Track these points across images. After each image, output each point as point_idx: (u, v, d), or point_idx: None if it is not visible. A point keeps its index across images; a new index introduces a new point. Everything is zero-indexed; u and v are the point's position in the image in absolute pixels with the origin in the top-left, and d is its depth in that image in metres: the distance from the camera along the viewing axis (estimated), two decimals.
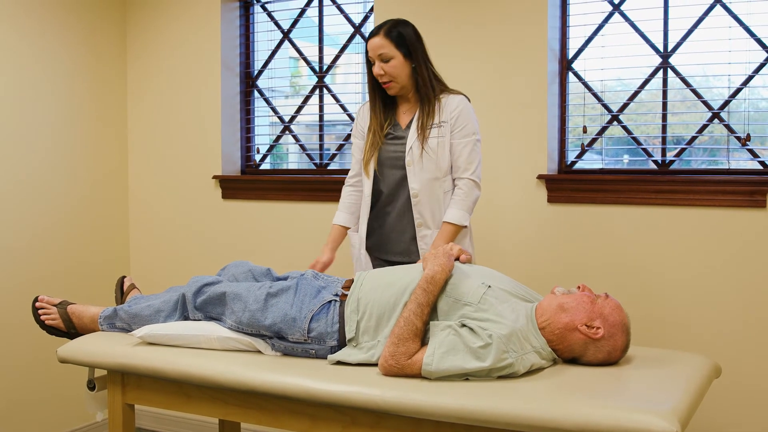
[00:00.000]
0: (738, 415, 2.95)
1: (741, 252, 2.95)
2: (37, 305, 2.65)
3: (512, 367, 2.03)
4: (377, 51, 2.73)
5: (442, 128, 2.74)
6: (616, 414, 1.78)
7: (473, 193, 2.74)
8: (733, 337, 2.96)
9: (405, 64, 2.74)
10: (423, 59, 2.77)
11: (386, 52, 2.72)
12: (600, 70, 3.28)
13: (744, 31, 3.02)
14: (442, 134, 2.74)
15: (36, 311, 2.64)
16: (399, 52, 2.73)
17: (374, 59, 2.74)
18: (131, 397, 2.47)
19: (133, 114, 4.22)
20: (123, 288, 2.81)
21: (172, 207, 4.14)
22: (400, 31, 2.74)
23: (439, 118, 2.75)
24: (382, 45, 2.72)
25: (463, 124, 2.74)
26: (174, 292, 2.57)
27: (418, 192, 2.75)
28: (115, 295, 2.81)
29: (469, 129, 2.75)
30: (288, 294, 2.35)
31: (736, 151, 3.08)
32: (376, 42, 2.73)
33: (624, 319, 2.16)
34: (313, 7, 3.89)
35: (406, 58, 2.74)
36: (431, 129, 2.74)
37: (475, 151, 2.75)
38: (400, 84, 2.76)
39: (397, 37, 2.73)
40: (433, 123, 2.74)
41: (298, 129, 4.04)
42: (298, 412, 2.16)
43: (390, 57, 2.72)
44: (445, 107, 2.76)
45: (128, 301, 2.69)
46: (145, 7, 4.14)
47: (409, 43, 2.74)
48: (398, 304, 2.20)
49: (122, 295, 2.80)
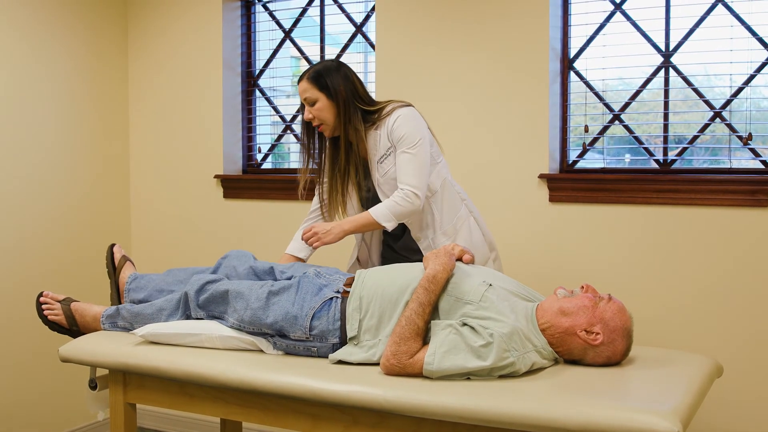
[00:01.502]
0: (740, 414, 2.95)
1: (742, 251, 2.95)
2: (41, 300, 2.65)
3: (513, 366, 2.03)
4: (303, 95, 2.73)
5: (391, 156, 2.70)
6: (617, 414, 1.78)
7: (408, 203, 2.62)
8: (734, 336, 2.96)
9: (330, 106, 2.70)
10: (349, 98, 2.70)
11: (309, 95, 2.71)
12: (601, 69, 3.28)
13: (746, 31, 3.01)
14: (393, 162, 2.70)
15: (40, 306, 2.65)
16: (322, 94, 2.70)
17: (303, 101, 2.74)
18: (133, 397, 2.47)
19: (134, 113, 4.22)
20: (114, 261, 2.80)
21: (173, 206, 4.14)
22: (321, 73, 2.71)
23: (386, 145, 2.70)
24: (306, 89, 2.71)
25: (399, 137, 2.67)
26: (176, 292, 2.57)
27: None
28: (107, 269, 2.80)
29: (406, 141, 2.66)
30: (289, 292, 2.35)
31: (738, 151, 3.07)
32: (302, 86, 2.72)
33: (626, 323, 2.15)
34: (314, 7, 3.89)
35: (329, 99, 2.70)
36: (384, 161, 2.71)
37: (413, 163, 2.65)
38: (330, 125, 2.72)
39: (318, 81, 2.70)
40: (384, 154, 2.70)
41: (299, 128, 4.03)
42: (299, 411, 2.17)
43: (314, 100, 2.70)
44: (386, 131, 2.70)
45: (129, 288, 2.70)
46: (146, 6, 4.14)
47: (331, 85, 2.69)
48: (400, 302, 2.20)
49: (114, 270, 2.79)
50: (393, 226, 2.63)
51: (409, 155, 2.66)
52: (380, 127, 2.71)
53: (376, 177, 2.73)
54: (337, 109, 2.71)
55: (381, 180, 2.72)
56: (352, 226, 2.66)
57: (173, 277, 2.71)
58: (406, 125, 2.68)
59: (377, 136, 2.71)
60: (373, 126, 2.72)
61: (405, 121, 2.68)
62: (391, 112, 2.71)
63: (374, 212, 2.63)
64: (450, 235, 2.74)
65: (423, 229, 2.74)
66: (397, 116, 2.69)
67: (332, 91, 2.70)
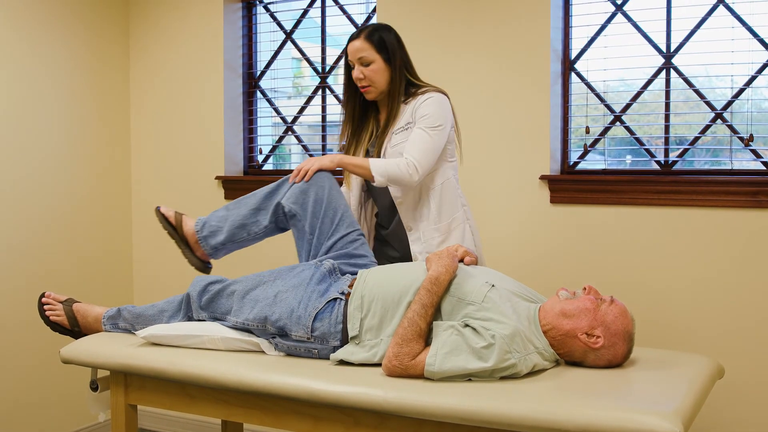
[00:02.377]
0: (741, 416, 2.95)
1: (744, 252, 2.95)
2: (43, 300, 2.65)
3: (515, 367, 2.03)
4: (357, 54, 2.68)
5: (408, 130, 2.68)
6: (619, 415, 1.78)
7: (405, 172, 2.59)
8: (735, 337, 2.95)
9: (385, 69, 2.70)
10: (402, 65, 2.72)
11: (365, 55, 2.67)
12: (603, 71, 3.28)
13: (747, 32, 3.01)
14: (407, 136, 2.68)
15: (41, 306, 2.64)
16: (379, 56, 2.68)
17: (354, 62, 2.70)
18: (134, 398, 2.47)
19: (135, 115, 4.23)
20: (169, 221, 2.70)
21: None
22: (381, 35, 2.69)
23: (407, 120, 2.69)
24: (362, 48, 2.67)
25: (423, 115, 2.66)
26: (177, 295, 2.58)
27: (400, 197, 2.73)
28: (167, 231, 2.70)
29: (426, 121, 2.65)
30: (298, 290, 2.34)
31: (739, 152, 3.07)
32: (356, 45, 2.68)
33: (627, 326, 2.14)
34: (315, 8, 3.89)
35: (386, 62, 2.69)
36: (399, 133, 2.69)
37: (423, 141, 2.63)
38: (378, 89, 2.71)
39: (378, 41, 2.68)
40: (400, 126, 2.69)
41: (300, 129, 4.04)
42: (300, 412, 2.16)
43: (370, 61, 2.67)
44: (413, 107, 2.70)
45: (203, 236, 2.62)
46: (147, 8, 4.15)
47: (390, 48, 2.69)
48: (401, 302, 2.20)
49: (175, 229, 2.69)
50: (381, 183, 2.61)
51: (424, 133, 2.65)
52: (409, 102, 2.72)
53: (385, 146, 2.72)
54: (392, 74, 2.70)
55: (390, 150, 2.70)
56: (348, 161, 2.63)
57: (245, 206, 2.62)
58: (433, 107, 2.68)
59: (403, 109, 2.72)
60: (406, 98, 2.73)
61: (433, 103, 2.68)
62: (426, 92, 2.71)
63: (372, 161, 2.61)
64: (443, 232, 2.72)
65: (416, 220, 2.73)
66: (428, 96, 2.69)
67: (390, 54, 2.69)
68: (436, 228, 2.72)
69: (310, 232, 2.54)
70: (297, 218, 2.55)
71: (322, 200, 2.53)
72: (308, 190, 2.54)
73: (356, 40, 2.69)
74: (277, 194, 2.59)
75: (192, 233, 2.67)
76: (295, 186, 2.56)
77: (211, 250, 2.65)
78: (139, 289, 4.25)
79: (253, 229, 2.61)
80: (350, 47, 2.70)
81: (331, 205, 2.54)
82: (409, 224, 2.74)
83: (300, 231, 2.56)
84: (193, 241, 2.68)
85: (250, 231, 2.61)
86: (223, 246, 2.64)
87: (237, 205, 2.64)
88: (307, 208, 2.53)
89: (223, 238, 2.62)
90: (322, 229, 2.53)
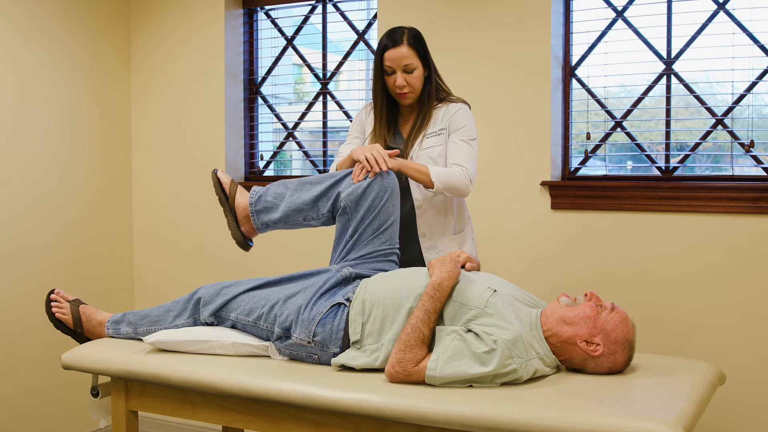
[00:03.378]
0: (742, 422, 2.94)
1: (745, 258, 2.95)
2: (51, 297, 2.65)
3: (516, 373, 2.03)
4: (403, 62, 2.63)
5: (441, 136, 2.70)
6: (620, 421, 1.77)
7: (464, 181, 2.60)
8: (737, 344, 2.95)
9: (423, 74, 2.70)
10: (435, 70, 2.74)
11: (411, 63, 2.63)
12: (603, 77, 3.28)
13: (747, 38, 3.02)
14: (441, 142, 2.70)
15: (49, 302, 2.65)
16: (420, 62, 2.66)
17: (395, 69, 2.65)
18: (135, 404, 2.47)
19: (137, 120, 4.23)
20: (223, 187, 2.63)
21: (175, 213, 4.14)
22: (420, 40, 2.68)
23: (439, 125, 2.71)
24: (408, 56, 2.63)
25: (460, 126, 2.68)
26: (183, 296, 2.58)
27: (422, 202, 2.72)
28: (218, 197, 2.62)
29: (466, 132, 2.69)
30: (308, 291, 2.35)
31: (740, 158, 3.08)
32: (402, 52, 2.63)
33: (627, 334, 2.13)
34: (316, 14, 3.90)
35: (424, 67, 2.69)
36: (431, 137, 2.70)
37: (471, 153, 2.67)
38: (416, 95, 2.71)
39: (419, 48, 2.66)
40: (433, 131, 2.70)
41: (301, 135, 4.04)
42: (302, 419, 2.16)
43: (414, 68, 2.64)
44: (445, 114, 2.72)
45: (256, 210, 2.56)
46: (149, 14, 4.15)
47: (427, 53, 2.69)
48: (403, 306, 2.20)
49: (226, 197, 2.62)
50: (439, 190, 2.58)
51: (468, 145, 2.67)
52: (440, 108, 2.72)
53: (415, 149, 2.70)
54: (430, 79, 2.70)
55: (420, 153, 2.69)
56: (408, 165, 2.58)
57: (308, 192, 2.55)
58: (468, 118, 2.71)
59: (435, 114, 2.71)
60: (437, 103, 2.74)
61: (467, 115, 2.72)
62: (457, 100, 2.73)
63: (432, 168, 2.59)
64: (458, 242, 2.75)
65: (432, 227, 2.72)
66: (461, 107, 2.72)
67: (428, 59, 2.69)
68: (453, 238, 2.73)
69: (351, 235, 2.51)
70: (347, 217, 2.51)
71: (375, 208, 2.50)
72: (368, 193, 2.49)
73: (400, 47, 2.64)
74: (341, 184, 2.53)
75: (243, 207, 2.60)
76: (360, 184, 2.49)
77: (260, 225, 2.59)
78: (140, 297, 4.25)
79: (310, 214, 2.55)
80: (393, 55, 2.63)
81: (380, 215, 2.50)
82: (424, 231, 2.73)
83: (344, 228, 2.53)
84: (242, 215, 2.61)
85: (307, 216, 2.55)
86: (274, 224, 2.59)
87: (300, 186, 2.57)
88: (360, 210, 2.49)
89: (277, 217, 2.56)
90: (362, 236, 2.50)
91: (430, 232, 2.73)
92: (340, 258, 2.53)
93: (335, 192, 2.53)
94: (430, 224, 2.73)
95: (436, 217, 2.73)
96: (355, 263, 2.48)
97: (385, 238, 2.52)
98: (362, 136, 2.85)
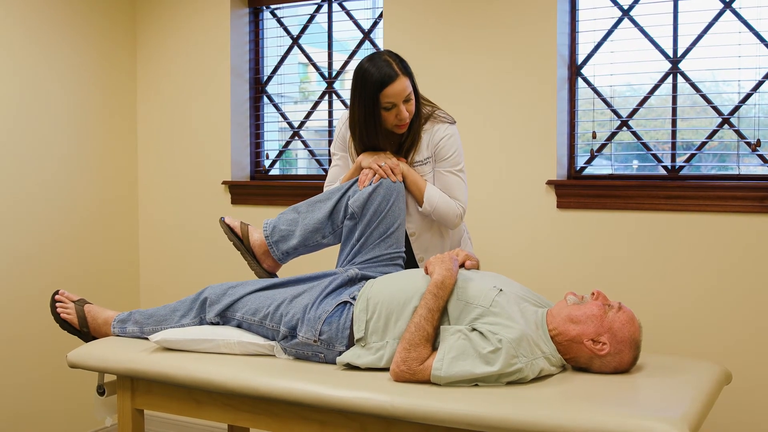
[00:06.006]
0: (748, 422, 2.94)
1: (751, 258, 2.94)
2: (56, 298, 2.66)
3: (521, 372, 2.03)
4: (405, 94, 2.48)
5: (428, 165, 2.63)
6: (626, 421, 1.77)
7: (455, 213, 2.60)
8: (743, 343, 2.94)
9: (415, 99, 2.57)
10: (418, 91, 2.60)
11: (410, 92, 2.51)
12: (609, 76, 3.27)
13: (754, 37, 3.01)
14: (429, 171, 2.64)
15: (54, 303, 2.65)
16: (413, 88, 2.54)
17: (396, 103, 2.49)
18: (140, 403, 2.47)
19: (142, 120, 4.24)
20: (236, 232, 2.64)
21: (181, 212, 4.15)
22: (405, 63, 2.54)
23: (425, 154, 2.62)
24: (407, 85, 2.50)
25: (446, 156, 2.61)
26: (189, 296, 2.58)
27: (416, 230, 2.68)
28: (233, 243, 2.62)
29: (452, 162, 2.62)
30: (312, 291, 2.36)
31: (746, 157, 3.07)
32: (403, 84, 2.48)
33: (634, 334, 2.13)
34: (322, 13, 3.90)
35: (416, 93, 2.58)
36: (418, 166, 2.63)
37: (461, 184, 2.63)
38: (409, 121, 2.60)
39: (410, 72, 2.54)
40: (419, 160, 2.62)
41: (307, 134, 4.05)
42: (307, 418, 2.17)
43: (412, 96, 2.53)
44: (430, 141, 2.62)
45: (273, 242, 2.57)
46: (154, 13, 4.16)
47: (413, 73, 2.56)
48: (407, 305, 2.20)
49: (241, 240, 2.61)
50: (426, 211, 2.58)
51: (459, 179, 2.63)
52: (426, 131, 2.61)
53: None
54: (418, 103, 2.58)
55: None
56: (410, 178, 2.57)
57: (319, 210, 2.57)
58: (454, 146, 2.63)
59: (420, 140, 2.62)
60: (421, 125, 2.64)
61: (454, 142, 2.63)
62: (442, 120, 2.62)
63: (429, 187, 2.58)
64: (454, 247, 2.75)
65: (427, 250, 2.71)
66: (446, 133, 2.61)
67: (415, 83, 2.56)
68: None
69: (357, 239, 2.53)
70: (354, 221, 2.53)
71: (381, 212, 2.51)
72: (375, 197, 2.51)
73: (401, 78, 2.48)
74: (348, 193, 2.55)
75: (260, 243, 2.61)
76: (366, 188, 2.51)
77: (281, 255, 2.60)
78: (145, 298, 4.26)
79: (327, 230, 2.58)
80: (395, 90, 2.47)
81: (386, 219, 2.52)
82: (422, 255, 2.71)
83: (350, 232, 2.55)
84: (260, 252, 2.62)
85: (325, 234, 2.58)
86: (294, 251, 2.60)
87: (310, 207, 2.58)
88: (366, 214, 2.51)
89: (295, 243, 2.58)
90: (368, 240, 2.52)
91: (427, 255, 2.70)
92: (347, 261, 2.54)
93: (344, 203, 2.56)
94: (426, 248, 2.71)
95: (431, 240, 2.71)
96: (361, 266, 2.50)
97: (392, 242, 2.53)
98: (347, 153, 2.74)
